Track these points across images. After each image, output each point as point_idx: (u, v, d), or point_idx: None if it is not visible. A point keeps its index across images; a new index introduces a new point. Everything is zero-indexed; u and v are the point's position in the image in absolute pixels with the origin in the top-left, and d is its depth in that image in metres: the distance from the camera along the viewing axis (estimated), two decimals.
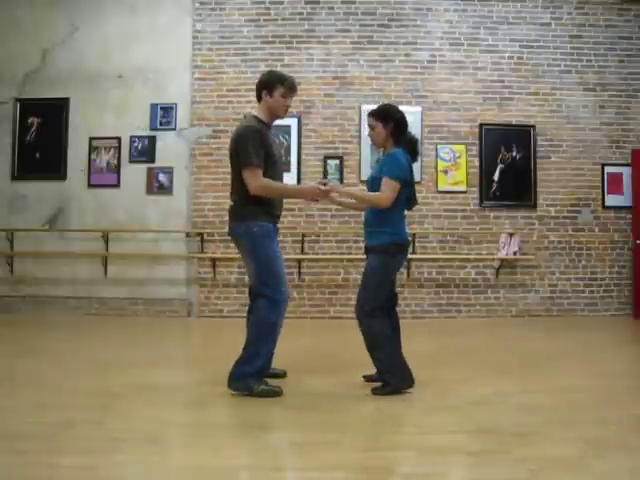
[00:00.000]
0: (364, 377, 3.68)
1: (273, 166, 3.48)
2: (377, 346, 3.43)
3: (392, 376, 3.40)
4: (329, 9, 7.41)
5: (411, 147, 3.55)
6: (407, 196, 3.52)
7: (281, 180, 3.65)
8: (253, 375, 3.33)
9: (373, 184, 3.53)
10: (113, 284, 7.28)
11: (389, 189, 3.38)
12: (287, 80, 3.54)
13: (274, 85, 3.50)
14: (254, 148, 3.35)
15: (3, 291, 7.31)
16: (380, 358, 3.43)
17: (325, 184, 3.56)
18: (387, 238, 3.44)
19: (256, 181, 3.36)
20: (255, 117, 3.55)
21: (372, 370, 3.58)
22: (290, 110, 7.93)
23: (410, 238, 3.69)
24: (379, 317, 3.45)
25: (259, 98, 3.56)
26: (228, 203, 3.66)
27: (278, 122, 3.73)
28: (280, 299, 3.39)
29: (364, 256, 3.67)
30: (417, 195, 3.72)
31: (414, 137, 3.64)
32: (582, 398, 3.38)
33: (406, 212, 3.66)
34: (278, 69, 7.22)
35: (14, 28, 7.44)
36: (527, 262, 7.35)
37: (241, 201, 3.47)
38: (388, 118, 3.53)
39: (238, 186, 3.46)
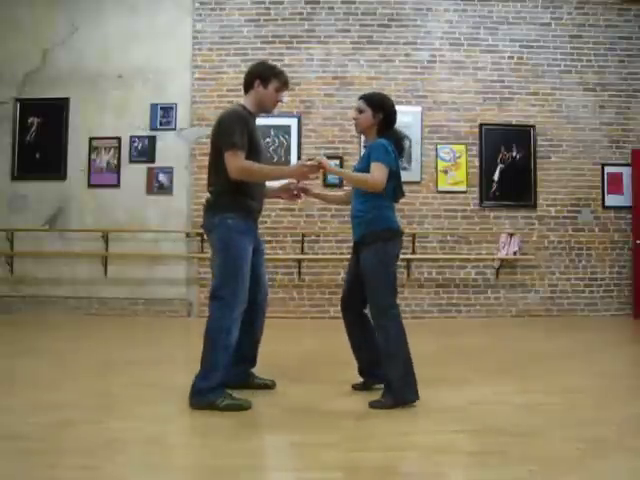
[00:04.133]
0: (353, 386, 3.52)
1: (257, 156, 3.28)
2: (392, 354, 3.16)
3: (400, 387, 3.13)
4: (329, 9, 7.41)
5: (397, 143, 3.41)
6: (393, 187, 3.35)
7: None
8: (213, 389, 3.08)
9: None
10: (113, 284, 7.27)
11: (380, 172, 3.19)
12: (282, 74, 3.41)
13: (269, 77, 3.35)
14: (238, 130, 3.16)
15: (3, 291, 7.30)
16: (392, 367, 3.15)
17: (313, 159, 3.32)
18: (378, 224, 3.26)
19: (237, 162, 3.14)
20: (241, 105, 3.39)
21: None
22: (290, 110, 7.98)
23: (404, 230, 3.47)
24: (397, 317, 3.21)
25: (249, 87, 3.39)
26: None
27: (278, 122, 3.68)
28: (236, 303, 3.14)
29: None
30: (417, 195, 3.67)
31: (401, 133, 3.49)
32: (582, 398, 3.38)
33: (399, 207, 3.50)
34: None
35: (14, 28, 7.44)
36: (527, 262, 7.35)
37: (218, 191, 3.28)
38: (379, 108, 3.39)
39: (216, 175, 3.27)
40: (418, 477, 2.25)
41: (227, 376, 3.14)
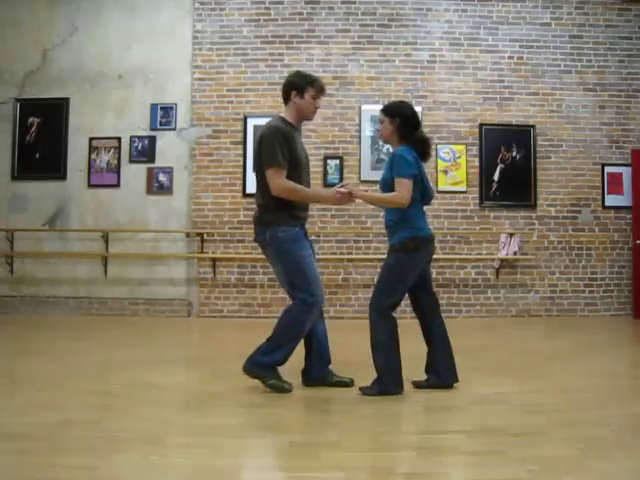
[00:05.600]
0: (413, 383, 3.55)
1: (297, 168, 3.40)
2: (377, 346, 3.41)
3: (385, 378, 3.36)
4: (329, 9, 7.41)
5: (421, 146, 3.47)
6: (421, 192, 3.46)
7: (307, 184, 3.52)
8: (270, 366, 3.35)
9: (385, 186, 3.46)
10: (113, 284, 7.27)
11: (404, 188, 3.31)
12: (317, 82, 3.53)
13: (305, 87, 3.46)
14: (279, 147, 3.30)
15: (3, 291, 7.30)
16: (377, 359, 3.41)
17: (343, 186, 3.49)
18: (405, 234, 3.38)
19: (279, 180, 3.29)
20: (282, 118, 3.49)
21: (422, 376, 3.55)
22: None
23: (432, 232, 3.59)
24: (388, 319, 3.40)
25: (287, 100, 3.50)
26: (229, 203, 3.63)
27: None
28: (313, 302, 3.37)
29: (364, 256, 3.64)
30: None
31: (425, 136, 3.55)
32: (582, 398, 3.38)
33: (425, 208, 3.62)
34: (278, 69, 7.25)
35: (14, 28, 7.44)
36: (527, 262, 7.35)
37: (264, 206, 3.42)
38: (395, 114, 3.47)
39: (261, 189, 3.42)
40: (418, 477, 2.25)
41: (284, 361, 3.40)
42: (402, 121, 3.46)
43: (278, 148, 3.30)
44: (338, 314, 7.08)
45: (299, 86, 3.46)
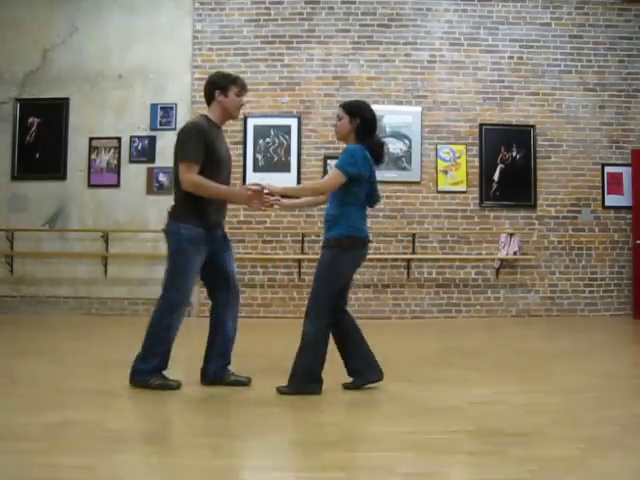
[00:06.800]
0: (344, 385, 3.52)
1: (216, 166, 3.40)
2: (307, 347, 3.32)
3: (305, 377, 3.31)
4: (329, 9, 7.41)
5: (376, 150, 3.45)
6: (367, 192, 3.41)
7: (226, 184, 3.53)
8: (150, 372, 3.41)
9: None
10: (113, 284, 7.27)
11: (333, 177, 3.33)
12: (239, 79, 3.56)
13: (228, 85, 3.48)
14: (195, 143, 3.31)
15: (3, 291, 7.30)
16: (302, 359, 3.31)
17: (257, 185, 3.41)
18: (342, 230, 3.32)
19: (188, 175, 3.30)
20: (205, 116, 3.51)
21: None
22: (290, 110, 7.99)
23: (371, 236, 3.52)
24: (326, 320, 3.32)
25: (211, 99, 3.52)
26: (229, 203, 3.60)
27: (278, 122, 3.69)
28: (178, 304, 3.47)
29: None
30: (417, 195, 3.66)
31: (381, 140, 3.55)
32: (582, 398, 3.38)
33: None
34: (278, 69, 7.26)
35: (14, 28, 7.44)
36: (527, 262, 7.35)
37: (177, 200, 3.49)
38: (355, 114, 3.43)
39: (177, 183, 3.48)
40: (418, 477, 2.25)
41: (164, 363, 3.46)
42: (362, 122, 3.44)
43: (193, 144, 3.31)
44: None
45: (222, 85, 3.48)
